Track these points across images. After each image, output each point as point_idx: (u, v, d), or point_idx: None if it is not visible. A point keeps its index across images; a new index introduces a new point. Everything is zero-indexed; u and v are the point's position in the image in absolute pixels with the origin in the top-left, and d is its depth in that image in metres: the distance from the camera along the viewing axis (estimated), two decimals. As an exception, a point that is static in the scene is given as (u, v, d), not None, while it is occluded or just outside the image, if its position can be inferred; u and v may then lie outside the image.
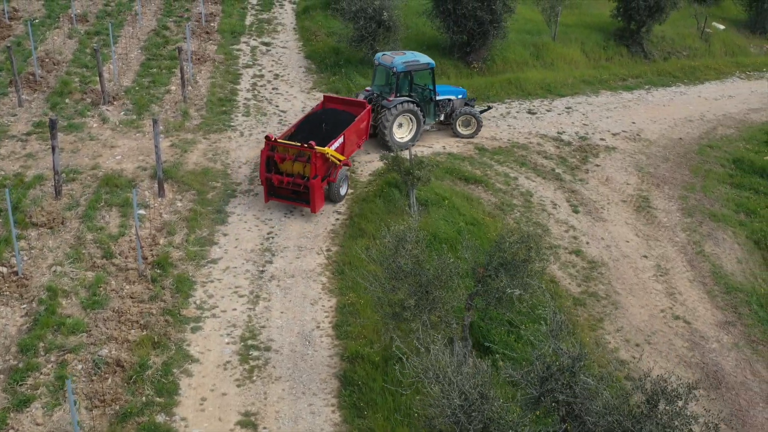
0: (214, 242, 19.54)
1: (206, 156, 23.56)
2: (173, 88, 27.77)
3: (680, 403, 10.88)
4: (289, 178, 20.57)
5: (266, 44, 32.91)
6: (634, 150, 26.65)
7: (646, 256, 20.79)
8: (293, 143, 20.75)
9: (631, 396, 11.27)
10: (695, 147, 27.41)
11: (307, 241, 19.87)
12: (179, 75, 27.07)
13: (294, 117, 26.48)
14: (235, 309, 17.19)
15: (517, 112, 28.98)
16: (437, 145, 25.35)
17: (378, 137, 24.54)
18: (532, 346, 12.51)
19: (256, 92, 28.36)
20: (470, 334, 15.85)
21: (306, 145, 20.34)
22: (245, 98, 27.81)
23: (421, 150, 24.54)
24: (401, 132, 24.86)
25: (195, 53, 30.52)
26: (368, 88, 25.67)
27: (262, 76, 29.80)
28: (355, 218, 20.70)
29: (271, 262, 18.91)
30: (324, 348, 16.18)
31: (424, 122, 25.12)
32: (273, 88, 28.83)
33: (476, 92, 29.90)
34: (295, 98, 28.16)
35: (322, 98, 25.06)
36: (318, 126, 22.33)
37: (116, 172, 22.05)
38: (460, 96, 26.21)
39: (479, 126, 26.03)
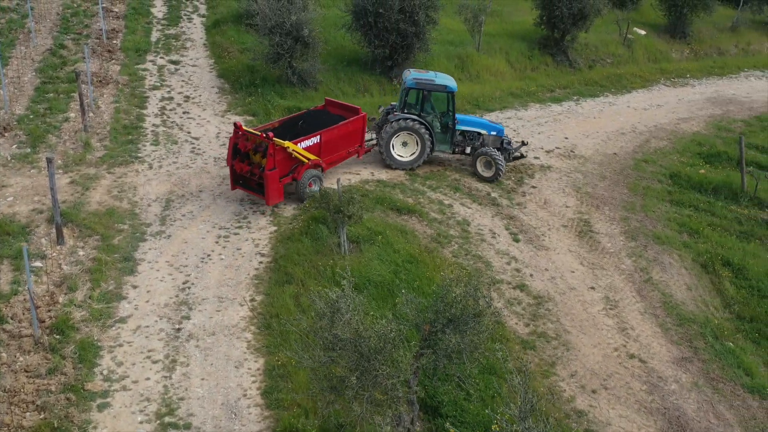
0: (123, 297, 17.35)
1: (111, 193, 21.25)
2: (72, 115, 25.23)
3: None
4: (248, 167, 20.60)
5: (175, 63, 30.58)
6: (570, 168, 25.50)
7: (593, 288, 19.55)
8: (254, 132, 20.66)
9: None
10: (631, 162, 26.48)
11: (228, 290, 17.88)
12: (79, 100, 24.57)
13: (208, 143, 24.45)
14: (148, 378, 15.10)
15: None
16: (365, 171, 23.62)
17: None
18: (486, 414, 10.92)
19: (165, 117, 26.07)
20: (416, 395, 14.22)
21: (264, 136, 20.24)
22: (153, 125, 25.49)
23: (349, 178, 22.81)
24: (405, 151, 23.71)
25: (96, 75, 28.00)
26: (393, 103, 24.85)
27: (171, 98, 27.50)
28: (281, 261, 18.79)
29: (188, 318, 16.85)
30: (252, 421, 14.26)
31: (433, 147, 23.69)
32: (184, 112, 26.59)
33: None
34: (209, 122, 26.01)
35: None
36: (306, 122, 22.47)
37: (8, 217, 19.58)
38: (493, 132, 24.20)
39: (498, 172, 23.58)
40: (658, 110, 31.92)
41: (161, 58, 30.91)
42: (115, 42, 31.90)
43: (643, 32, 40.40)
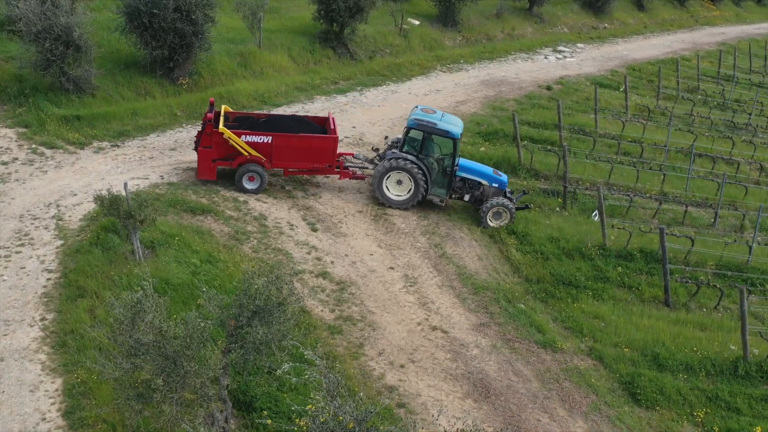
0: None
1: None
2: None
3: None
4: (197, 137, 22.82)
5: (-71, 77, 28.00)
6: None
7: (392, 268, 20.16)
8: (210, 112, 22.56)
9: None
10: (417, 146, 27.47)
11: (14, 311, 16.66)
12: None
13: (-23, 160, 22.71)
14: (-70, 416, 13.83)
15: (235, 127, 27.21)
16: (154, 174, 22.85)
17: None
18: (302, 406, 11.01)
19: (-77, 136, 23.88)
20: (228, 392, 14.02)
21: (206, 117, 22.39)
22: None
23: (137, 183, 21.97)
24: (398, 189, 22.80)
25: None
26: (400, 136, 24.30)
27: (-72, 115, 25.22)
28: (71, 275, 17.78)
29: (-29, 347, 15.58)
30: (55, 445, 13.45)
31: (428, 190, 22.73)
32: (-55, 129, 24.47)
33: (187, 110, 27.79)
34: (-25, 138, 24.10)
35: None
36: (269, 121, 23.39)
37: None
38: (495, 184, 23.19)
39: (512, 219, 22.82)
40: (438, 95, 33.38)
41: None
42: None
43: (417, 22, 42.03)
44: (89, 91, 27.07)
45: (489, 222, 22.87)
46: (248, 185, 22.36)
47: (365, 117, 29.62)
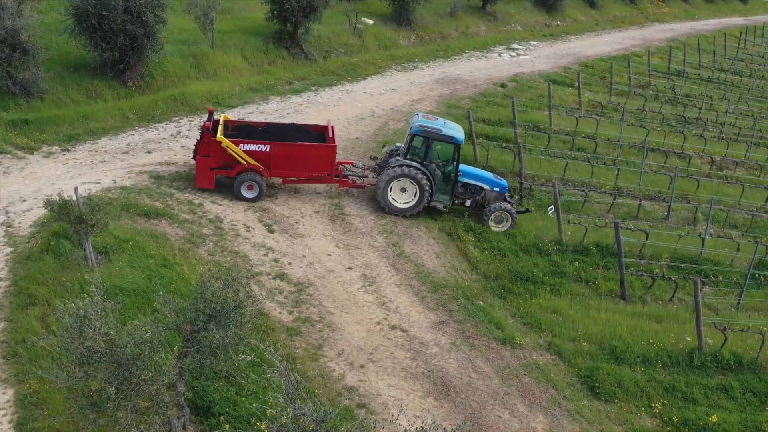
0: None
1: None
2: None
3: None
4: (196, 145, 22.28)
5: None
6: (316, 156, 25.92)
7: (350, 267, 20.06)
8: (208, 120, 22.42)
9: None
10: (373, 145, 27.45)
11: (-38, 322, 16.27)
12: None
13: None
14: None
15: (188, 130, 26.87)
16: (106, 179, 22.45)
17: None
18: (261, 408, 10.87)
19: None
20: (186, 398, 13.80)
21: (204, 126, 22.09)
22: None
23: (89, 188, 21.56)
24: (404, 197, 22.62)
25: None
26: (398, 144, 24.35)
27: None
28: (21, 283, 17.37)
29: None
30: (7, 457, 13.13)
31: (432, 197, 22.61)
32: None
33: (139, 113, 27.40)
34: None
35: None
36: (268, 130, 23.18)
37: None
38: (496, 189, 23.37)
39: (513, 224, 22.97)
40: (393, 94, 33.38)
41: None
42: None
43: (371, 22, 42.01)
44: (38, 94, 26.54)
45: (492, 226, 22.93)
46: (247, 194, 22.16)
47: (321, 117, 29.36)
